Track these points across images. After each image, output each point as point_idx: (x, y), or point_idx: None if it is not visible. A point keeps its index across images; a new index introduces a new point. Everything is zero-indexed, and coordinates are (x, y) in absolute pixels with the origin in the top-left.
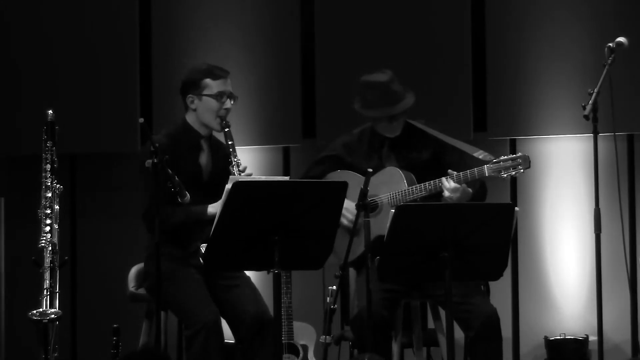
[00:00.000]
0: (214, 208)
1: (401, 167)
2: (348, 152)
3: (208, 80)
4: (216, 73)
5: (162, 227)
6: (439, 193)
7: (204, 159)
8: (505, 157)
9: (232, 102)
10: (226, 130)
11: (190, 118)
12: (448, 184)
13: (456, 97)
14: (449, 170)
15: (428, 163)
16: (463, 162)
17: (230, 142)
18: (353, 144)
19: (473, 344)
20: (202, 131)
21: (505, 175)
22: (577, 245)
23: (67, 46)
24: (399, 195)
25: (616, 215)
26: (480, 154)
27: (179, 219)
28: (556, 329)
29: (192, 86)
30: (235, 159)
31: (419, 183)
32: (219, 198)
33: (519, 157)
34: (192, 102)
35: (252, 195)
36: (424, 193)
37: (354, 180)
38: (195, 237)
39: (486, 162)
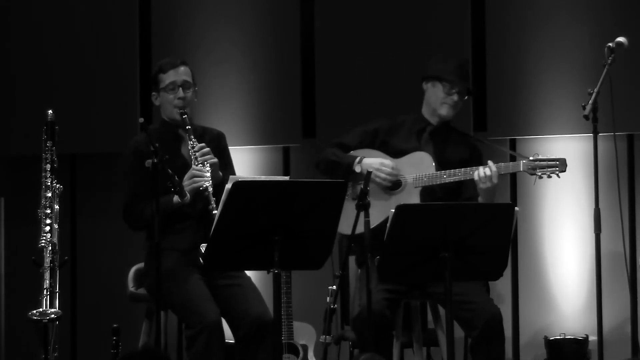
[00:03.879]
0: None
1: (436, 158)
2: (389, 132)
3: (160, 75)
4: (165, 66)
5: (136, 225)
6: (462, 182)
7: (185, 148)
8: (543, 157)
9: (189, 91)
10: (183, 117)
11: (163, 114)
12: (484, 171)
13: None
14: (489, 162)
15: (461, 165)
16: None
17: (187, 128)
18: (396, 126)
19: (475, 343)
20: (177, 123)
21: (539, 174)
22: (577, 245)
23: (67, 46)
24: (425, 177)
25: (616, 215)
26: (516, 153)
27: (149, 213)
28: (556, 329)
29: (153, 85)
30: (191, 142)
31: None
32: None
33: (558, 159)
34: (156, 99)
35: (252, 195)
36: (451, 178)
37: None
38: (191, 232)
39: (523, 158)
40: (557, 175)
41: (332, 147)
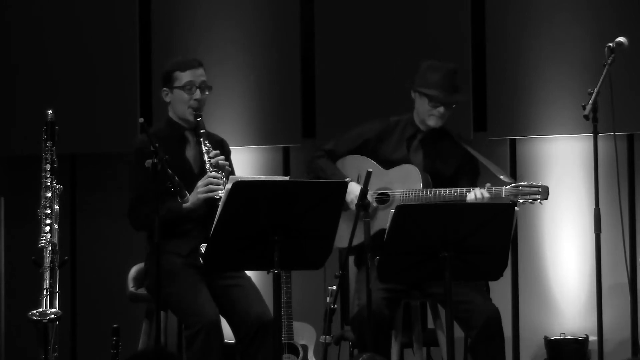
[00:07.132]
0: (189, 202)
1: (425, 166)
2: (379, 139)
3: (177, 73)
4: (184, 64)
5: (140, 227)
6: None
7: (190, 151)
8: (526, 183)
9: (205, 93)
10: (198, 120)
11: (171, 113)
12: (472, 195)
13: None
14: (487, 184)
15: (450, 172)
16: (476, 178)
17: (202, 131)
18: (387, 131)
19: (475, 343)
20: (185, 124)
21: (521, 201)
22: (577, 245)
23: (67, 46)
24: (411, 194)
25: (616, 215)
26: (502, 175)
27: (154, 218)
28: (556, 329)
29: (165, 80)
30: (206, 147)
31: (434, 188)
32: None
33: (539, 186)
34: (167, 95)
35: (252, 195)
36: (436, 198)
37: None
38: (194, 235)
39: (506, 184)
40: (540, 202)
41: (322, 156)
